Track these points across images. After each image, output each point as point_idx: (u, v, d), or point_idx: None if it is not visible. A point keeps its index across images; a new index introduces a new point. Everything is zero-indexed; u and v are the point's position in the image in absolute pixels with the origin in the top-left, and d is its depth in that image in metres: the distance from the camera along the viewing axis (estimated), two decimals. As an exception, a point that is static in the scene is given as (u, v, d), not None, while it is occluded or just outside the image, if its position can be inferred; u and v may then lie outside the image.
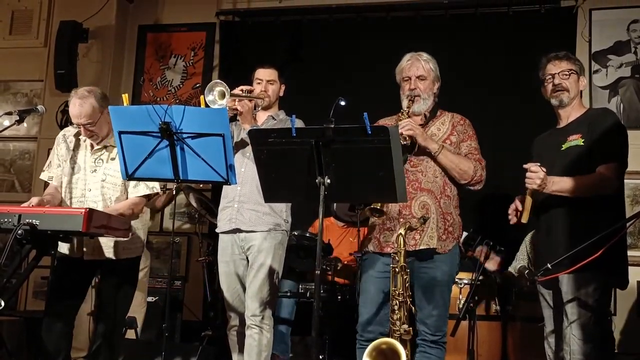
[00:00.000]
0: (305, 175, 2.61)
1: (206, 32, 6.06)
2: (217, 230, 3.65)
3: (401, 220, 3.16)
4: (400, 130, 3.09)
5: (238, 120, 3.57)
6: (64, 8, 6.10)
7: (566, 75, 3.12)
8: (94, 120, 3.35)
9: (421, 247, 3.12)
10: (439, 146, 3.17)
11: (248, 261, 3.54)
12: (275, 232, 3.51)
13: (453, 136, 3.28)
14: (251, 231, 3.49)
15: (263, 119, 3.66)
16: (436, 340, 3.14)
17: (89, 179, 3.45)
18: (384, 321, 3.16)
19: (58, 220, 2.91)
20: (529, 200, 2.99)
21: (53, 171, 3.54)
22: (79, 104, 3.33)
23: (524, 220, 3.03)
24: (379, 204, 3.05)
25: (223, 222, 3.58)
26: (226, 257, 3.57)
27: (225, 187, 3.63)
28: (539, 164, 2.93)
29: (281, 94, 3.73)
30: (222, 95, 3.30)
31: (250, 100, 3.50)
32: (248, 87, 3.56)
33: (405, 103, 3.28)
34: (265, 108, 3.66)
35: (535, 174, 2.91)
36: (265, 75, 3.65)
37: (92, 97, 3.35)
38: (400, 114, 3.27)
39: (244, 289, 3.54)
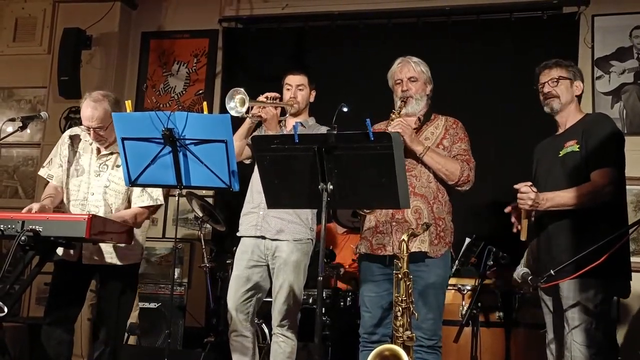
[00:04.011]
0: (307, 181, 2.61)
1: (209, 38, 6.07)
2: (238, 234, 3.63)
3: (393, 224, 3.15)
4: (389, 129, 3.10)
5: (264, 127, 3.54)
6: (67, 15, 6.12)
7: (555, 82, 3.12)
8: (105, 124, 3.34)
9: (413, 250, 3.10)
10: (424, 148, 3.16)
11: (268, 267, 3.53)
12: (301, 243, 3.51)
13: (445, 140, 3.29)
14: (276, 239, 3.49)
15: (291, 125, 3.63)
16: (432, 345, 3.13)
17: (93, 182, 3.44)
18: (387, 324, 3.16)
19: (61, 227, 2.93)
20: (525, 222, 3.00)
21: (54, 170, 3.52)
22: (92, 107, 3.33)
23: (523, 238, 3.05)
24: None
25: (246, 227, 3.57)
26: (243, 261, 3.55)
27: (250, 192, 3.61)
28: (529, 184, 2.91)
29: (311, 99, 3.70)
30: (243, 103, 3.30)
31: (275, 107, 3.48)
32: (273, 94, 3.52)
33: (397, 104, 3.29)
34: (295, 114, 3.64)
35: (525, 195, 2.89)
36: (294, 81, 3.63)
37: (105, 102, 3.36)
38: (391, 114, 3.25)
39: (254, 293, 3.53)
